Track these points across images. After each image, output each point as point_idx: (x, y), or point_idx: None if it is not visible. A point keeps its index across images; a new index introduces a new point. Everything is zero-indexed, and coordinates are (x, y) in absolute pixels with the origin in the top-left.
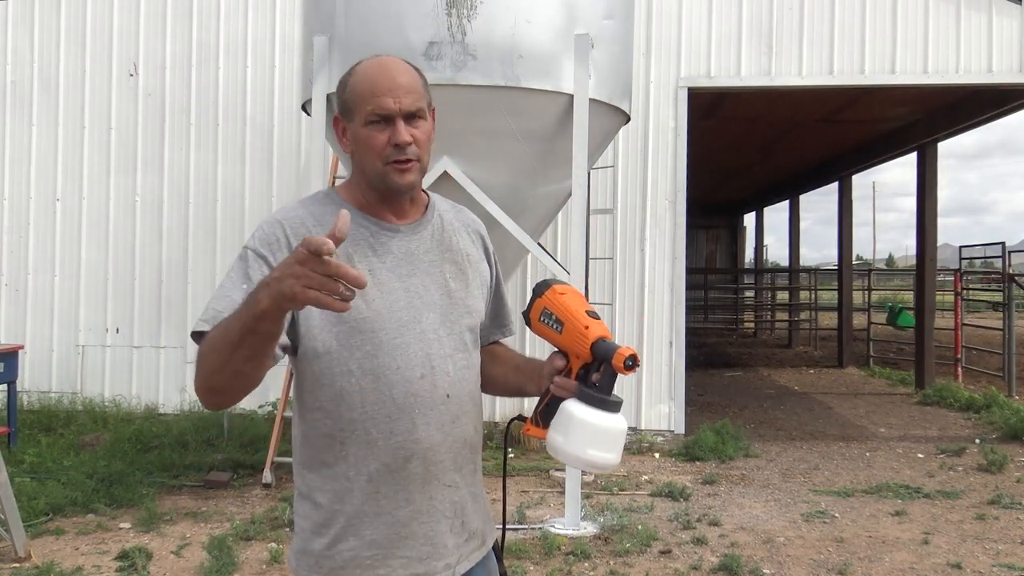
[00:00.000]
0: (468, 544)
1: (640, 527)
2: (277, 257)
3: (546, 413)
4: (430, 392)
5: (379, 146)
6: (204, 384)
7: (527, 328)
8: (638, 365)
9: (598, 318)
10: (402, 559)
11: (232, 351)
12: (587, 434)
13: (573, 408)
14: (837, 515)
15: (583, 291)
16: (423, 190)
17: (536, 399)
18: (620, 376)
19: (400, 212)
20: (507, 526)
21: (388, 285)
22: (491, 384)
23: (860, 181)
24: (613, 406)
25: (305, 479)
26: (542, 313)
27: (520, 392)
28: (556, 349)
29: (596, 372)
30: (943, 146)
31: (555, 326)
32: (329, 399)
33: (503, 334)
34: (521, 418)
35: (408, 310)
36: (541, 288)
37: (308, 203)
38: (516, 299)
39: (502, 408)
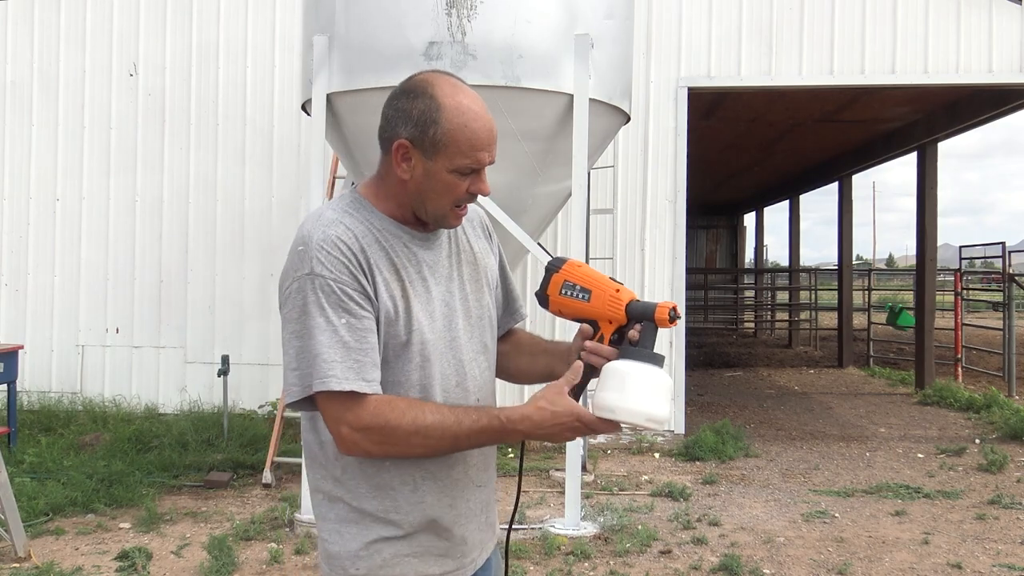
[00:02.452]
0: (490, 536)
1: (640, 527)
2: (363, 283)
3: (579, 388)
4: (464, 398)
5: (459, 193)
6: (387, 452)
7: (545, 311)
8: (679, 317)
9: (621, 283)
10: (439, 558)
11: (449, 448)
12: (647, 389)
13: (625, 366)
14: (837, 515)
15: None
16: None
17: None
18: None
19: (425, 222)
20: (506, 526)
21: (425, 296)
22: (521, 374)
23: (860, 181)
24: (661, 360)
25: (341, 483)
26: (563, 286)
27: (550, 375)
28: (579, 322)
29: (631, 332)
30: (944, 146)
31: (581, 295)
32: None
33: (516, 319)
34: None
35: (442, 319)
36: (557, 264)
37: (343, 210)
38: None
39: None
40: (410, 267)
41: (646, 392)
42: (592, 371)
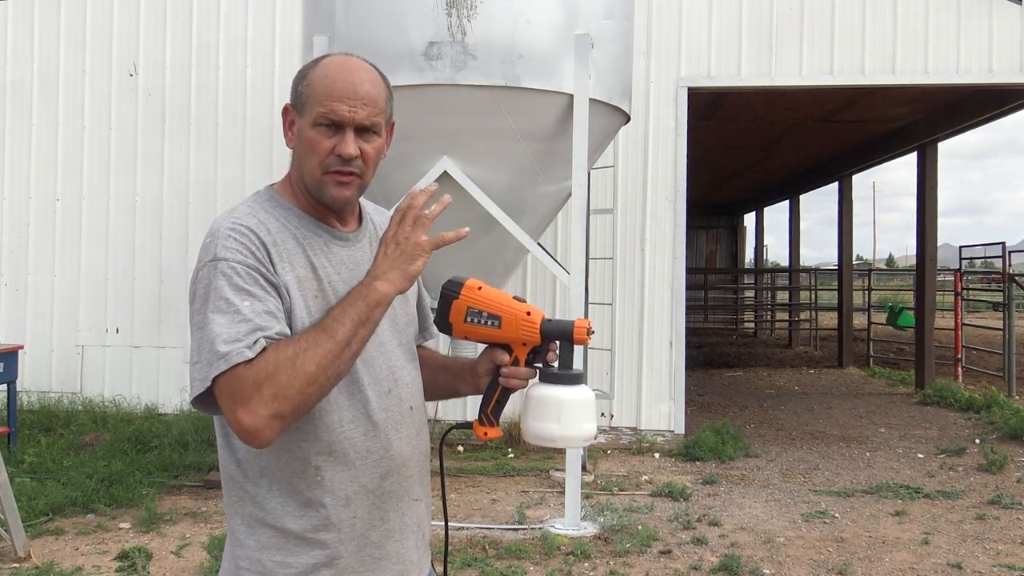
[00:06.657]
0: (425, 555)
1: (640, 527)
2: (269, 269)
3: (497, 410)
4: (397, 406)
5: (323, 152)
6: (295, 404)
7: (448, 336)
8: (594, 332)
9: (524, 301)
10: None
11: (334, 346)
12: (582, 412)
13: (557, 393)
14: (837, 515)
15: (583, 291)
16: None
17: (464, 399)
18: (613, 365)
19: (343, 219)
20: (506, 526)
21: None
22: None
23: (860, 181)
24: (584, 378)
25: (264, 504)
26: (468, 313)
27: (453, 393)
28: (486, 345)
29: (549, 352)
30: (944, 146)
31: (490, 322)
32: (306, 419)
33: (426, 338)
34: (461, 425)
35: None
36: (453, 288)
37: (258, 205)
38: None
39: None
40: (328, 266)
41: (582, 415)
42: (509, 392)
